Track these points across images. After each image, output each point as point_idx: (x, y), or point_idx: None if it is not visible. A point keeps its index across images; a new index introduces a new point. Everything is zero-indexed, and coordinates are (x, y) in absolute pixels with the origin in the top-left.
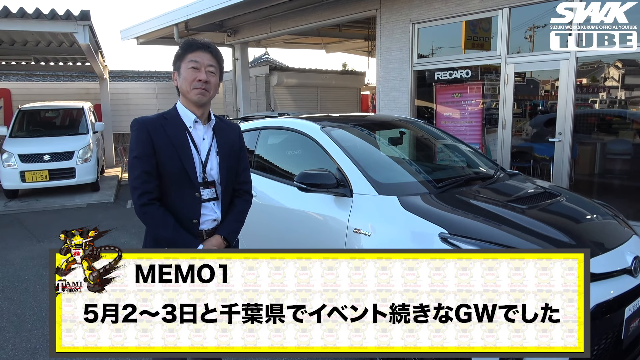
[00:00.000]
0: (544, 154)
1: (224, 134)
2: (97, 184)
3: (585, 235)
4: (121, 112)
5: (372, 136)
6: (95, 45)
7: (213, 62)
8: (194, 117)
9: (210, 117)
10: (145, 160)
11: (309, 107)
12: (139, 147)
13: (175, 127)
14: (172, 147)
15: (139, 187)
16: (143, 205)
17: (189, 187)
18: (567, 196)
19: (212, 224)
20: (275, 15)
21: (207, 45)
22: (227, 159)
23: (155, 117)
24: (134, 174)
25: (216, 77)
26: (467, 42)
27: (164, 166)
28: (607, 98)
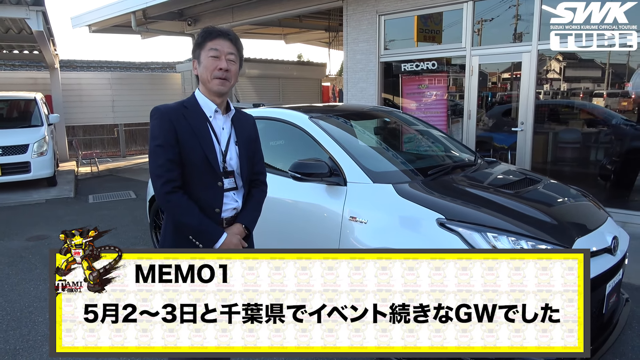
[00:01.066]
0: (502, 143)
1: (241, 125)
2: (54, 179)
3: (568, 218)
4: (73, 104)
5: (356, 126)
6: (48, 33)
7: (233, 50)
8: (214, 107)
9: (230, 107)
10: (168, 148)
11: (271, 98)
12: (162, 136)
13: (197, 116)
14: (194, 136)
15: (163, 175)
16: (167, 193)
17: (212, 176)
18: (546, 182)
19: (232, 212)
20: (238, 5)
21: (226, 32)
22: (246, 149)
23: (176, 105)
24: (157, 162)
25: (236, 65)
26: (420, 34)
27: (187, 155)
28: (564, 90)
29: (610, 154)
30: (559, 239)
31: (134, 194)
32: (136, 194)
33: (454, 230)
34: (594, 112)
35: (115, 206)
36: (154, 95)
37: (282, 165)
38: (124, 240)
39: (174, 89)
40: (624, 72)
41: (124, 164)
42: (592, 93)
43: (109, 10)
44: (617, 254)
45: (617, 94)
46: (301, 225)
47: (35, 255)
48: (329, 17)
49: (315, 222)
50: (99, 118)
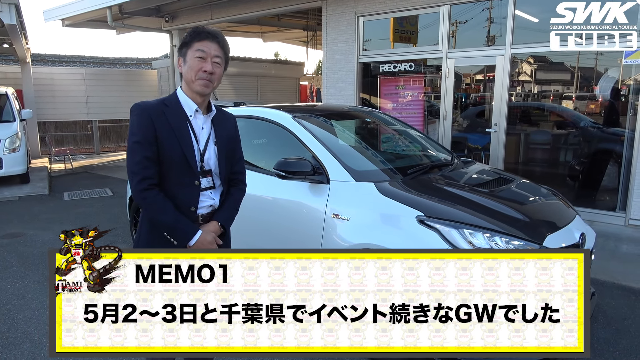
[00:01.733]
0: (477, 143)
1: (221, 125)
2: (27, 176)
3: (540, 216)
4: (46, 99)
5: (338, 126)
6: (20, 26)
7: (220, 53)
8: (195, 107)
9: (211, 107)
10: (146, 145)
11: (250, 97)
12: (141, 133)
13: (177, 115)
14: (173, 134)
15: (139, 172)
16: (143, 190)
17: (189, 175)
18: (519, 181)
19: (209, 210)
20: (217, 2)
21: (215, 34)
22: (225, 149)
23: (157, 102)
24: (134, 159)
25: (221, 68)
26: (395, 35)
27: (165, 153)
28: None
29: (578, 155)
30: (531, 235)
31: (110, 191)
32: (113, 191)
33: (433, 227)
34: (564, 114)
35: (92, 204)
36: (129, 92)
37: (265, 164)
38: (104, 237)
39: (150, 86)
40: (592, 75)
41: (98, 161)
42: (562, 95)
43: (83, 4)
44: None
45: (586, 97)
46: (285, 223)
47: (10, 252)
48: (307, 17)
49: (299, 219)
50: (73, 114)
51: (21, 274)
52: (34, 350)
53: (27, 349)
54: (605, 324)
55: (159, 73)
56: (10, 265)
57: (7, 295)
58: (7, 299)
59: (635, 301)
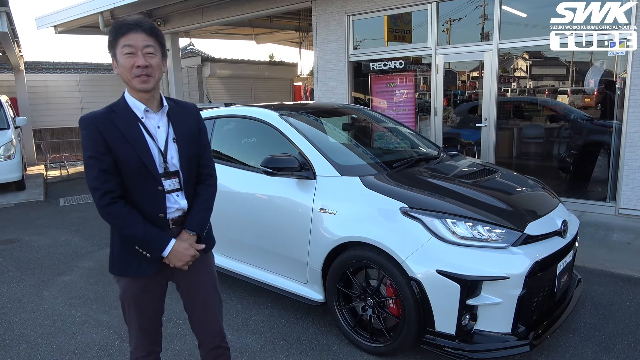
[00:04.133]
0: (469, 139)
1: (180, 119)
2: (22, 183)
3: (522, 204)
4: (40, 107)
5: (326, 123)
6: (12, 34)
7: (149, 42)
8: (143, 107)
9: (162, 102)
10: (100, 158)
11: (243, 98)
12: (92, 146)
13: (126, 119)
14: (126, 142)
15: (99, 187)
16: (107, 205)
17: (151, 181)
18: (503, 172)
19: (178, 213)
20: (208, 5)
21: (138, 23)
22: (187, 145)
23: (104, 111)
24: (91, 175)
25: (157, 58)
26: (390, 34)
27: (121, 163)
28: (527, 87)
29: (569, 148)
30: (513, 223)
31: None
32: None
33: (417, 217)
34: (554, 108)
35: (87, 209)
36: None
37: (254, 162)
38: (99, 241)
39: None
40: (584, 69)
41: None
42: (555, 90)
43: (75, 10)
44: (567, 237)
45: (578, 91)
46: (274, 218)
47: (6, 258)
48: (299, 18)
49: (287, 214)
50: (68, 121)
51: (17, 278)
52: (29, 351)
53: (23, 351)
54: (592, 310)
55: None
56: (7, 270)
57: (4, 299)
58: (3, 302)
59: (622, 287)
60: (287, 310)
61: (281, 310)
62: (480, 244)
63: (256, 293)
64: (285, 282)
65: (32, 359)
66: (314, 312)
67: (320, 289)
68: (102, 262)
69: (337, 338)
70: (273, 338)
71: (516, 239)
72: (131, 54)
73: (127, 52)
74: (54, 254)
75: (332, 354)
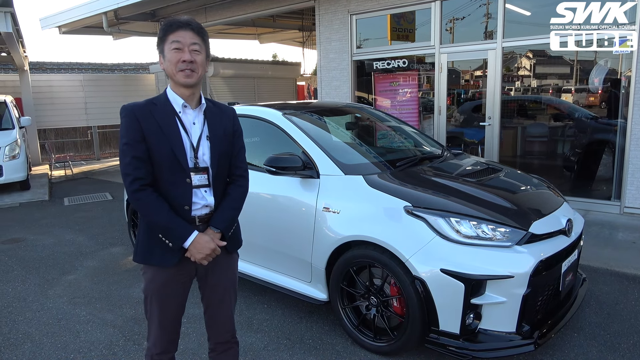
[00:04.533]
0: (473, 138)
1: (216, 118)
2: (27, 182)
3: (526, 203)
4: (45, 107)
5: (329, 122)
6: (16, 34)
7: (196, 40)
8: (182, 102)
9: (201, 100)
10: (135, 146)
11: (247, 98)
12: (129, 134)
13: (164, 112)
14: (161, 132)
15: (130, 173)
16: (135, 191)
17: (180, 173)
18: (507, 171)
19: (205, 210)
20: (211, 5)
21: (187, 22)
22: (219, 144)
23: (144, 102)
24: (124, 161)
25: (202, 55)
26: (393, 33)
27: (154, 152)
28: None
29: (573, 146)
30: (518, 222)
31: (110, 195)
32: (112, 195)
33: (420, 216)
34: (559, 106)
35: (92, 208)
36: (127, 97)
37: (257, 161)
38: (103, 240)
39: (148, 90)
40: (589, 67)
41: (99, 166)
42: (559, 88)
43: (79, 11)
44: (572, 236)
45: (583, 90)
46: (277, 217)
47: (12, 257)
48: (303, 17)
49: (291, 213)
50: (72, 121)
51: (22, 277)
52: (34, 350)
53: (28, 349)
54: (598, 309)
55: (156, 77)
56: (12, 270)
57: (9, 298)
58: (8, 301)
59: (627, 286)
60: (291, 309)
61: (285, 309)
62: (485, 242)
63: (260, 292)
64: (289, 281)
65: (37, 357)
66: (318, 311)
67: (324, 288)
68: (106, 261)
69: (341, 337)
70: (277, 337)
71: (521, 237)
72: (178, 49)
73: (174, 48)
74: (58, 253)
75: (335, 353)
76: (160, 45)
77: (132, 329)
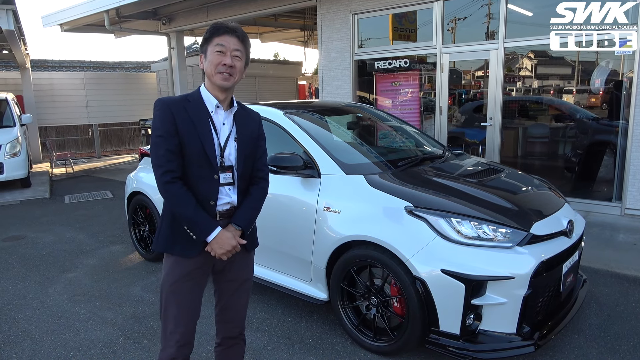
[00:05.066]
0: (474, 138)
1: (243, 121)
2: (28, 180)
3: (527, 204)
4: (46, 104)
5: (330, 121)
6: (18, 32)
7: (239, 47)
8: (215, 102)
9: (233, 103)
10: (168, 139)
11: (248, 97)
12: (163, 126)
13: (198, 109)
14: (193, 128)
15: (163, 165)
16: (167, 182)
17: (208, 168)
18: (508, 171)
19: (227, 206)
20: (213, 4)
21: (234, 29)
22: (245, 146)
23: (179, 98)
24: (157, 152)
25: (242, 62)
26: (395, 33)
27: (185, 147)
28: (533, 86)
29: (574, 147)
30: (519, 223)
31: (110, 193)
32: (113, 193)
33: (421, 216)
34: (560, 107)
35: (92, 206)
36: (128, 95)
37: None
38: (103, 239)
39: (149, 89)
40: (591, 68)
41: (100, 164)
42: (561, 89)
43: (81, 9)
44: (573, 237)
45: (584, 90)
46: (278, 217)
47: (12, 255)
48: (304, 16)
49: (292, 213)
50: (73, 119)
51: (22, 275)
52: (34, 347)
53: (28, 347)
54: (598, 310)
55: (158, 76)
56: (12, 267)
57: (9, 295)
58: (8, 299)
59: (628, 288)
60: (291, 308)
61: (285, 309)
62: (486, 243)
63: (260, 291)
64: (289, 280)
65: (37, 355)
66: (318, 311)
67: (324, 288)
68: (106, 259)
69: (341, 337)
70: (276, 336)
71: (522, 238)
72: (221, 52)
73: (218, 50)
74: (58, 251)
75: (335, 353)
76: (204, 45)
77: (132, 327)
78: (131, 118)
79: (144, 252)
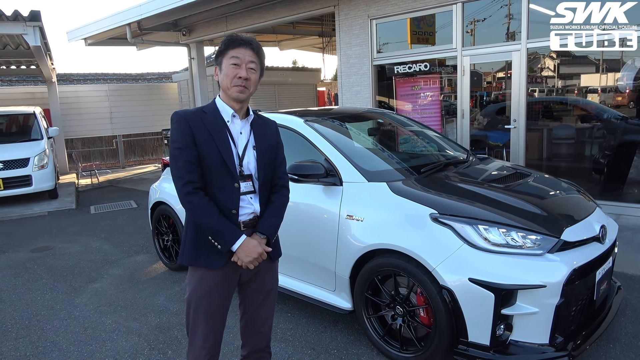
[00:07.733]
0: (497, 141)
1: (261, 130)
2: (55, 191)
3: (557, 209)
4: (71, 117)
5: (350, 128)
6: (44, 47)
7: (254, 59)
8: (231, 112)
9: (249, 112)
10: (187, 150)
11: (267, 105)
12: (181, 138)
13: (214, 120)
14: (211, 138)
15: (183, 176)
16: (188, 193)
17: (228, 178)
18: (536, 175)
19: (250, 216)
20: (232, 14)
21: (249, 41)
22: (264, 154)
23: (195, 110)
24: (177, 164)
25: (257, 74)
26: (413, 36)
27: (204, 158)
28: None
29: (602, 149)
30: (549, 229)
31: (134, 203)
32: (137, 203)
33: (447, 224)
34: (586, 107)
35: (117, 216)
36: (151, 106)
37: None
38: (128, 249)
39: (171, 99)
40: (616, 67)
41: (124, 174)
42: (586, 89)
43: (104, 23)
44: (606, 242)
45: (611, 89)
46: (300, 226)
47: (40, 266)
48: (322, 23)
49: (314, 221)
50: (98, 130)
51: (50, 285)
52: (62, 358)
53: (56, 358)
54: (634, 318)
55: (179, 86)
56: (40, 278)
57: (37, 306)
58: (37, 309)
59: None
60: (315, 318)
61: (309, 318)
62: (515, 250)
63: (283, 301)
64: (312, 289)
65: None
66: (342, 321)
67: (349, 297)
68: (131, 269)
69: (367, 347)
70: (301, 347)
71: (552, 245)
72: (236, 65)
73: (233, 63)
74: (84, 261)
75: None
76: (219, 57)
77: (156, 338)
78: (153, 128)
79: (168, 262)
